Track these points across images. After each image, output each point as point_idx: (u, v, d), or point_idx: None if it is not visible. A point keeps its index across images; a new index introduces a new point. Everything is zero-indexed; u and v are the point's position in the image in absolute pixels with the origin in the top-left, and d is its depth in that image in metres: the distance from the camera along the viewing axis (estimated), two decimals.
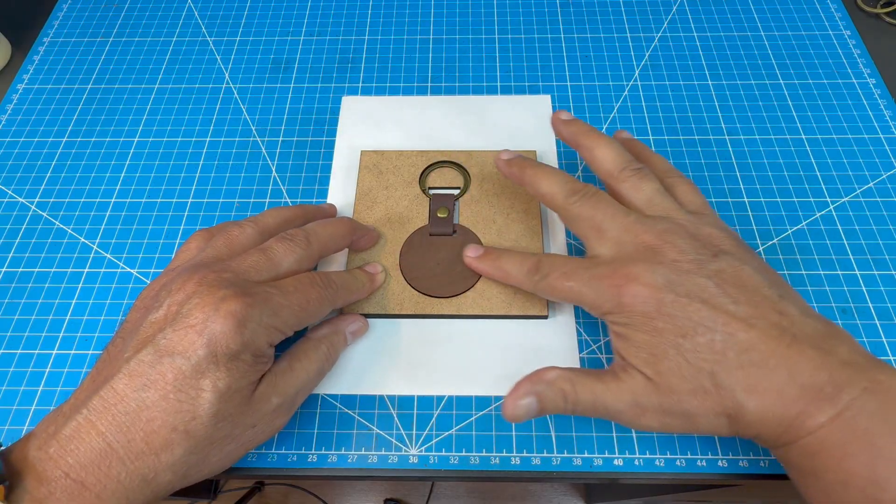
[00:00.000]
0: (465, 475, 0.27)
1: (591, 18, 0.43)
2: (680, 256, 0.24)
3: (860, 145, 0.36)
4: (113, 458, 0.20)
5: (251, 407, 0.23)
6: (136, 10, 0.44)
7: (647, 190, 0.27)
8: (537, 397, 0.24)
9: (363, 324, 0.29)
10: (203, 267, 0.24)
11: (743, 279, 0.23)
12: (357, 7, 0.44)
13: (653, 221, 0.25)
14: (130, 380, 0.21)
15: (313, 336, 0.27)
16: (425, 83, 0.40)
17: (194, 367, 0.21)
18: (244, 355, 0.22)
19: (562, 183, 0.27)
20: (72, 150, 0.37)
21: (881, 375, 0.20)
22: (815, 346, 0.21)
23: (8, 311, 0.31)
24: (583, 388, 0.24)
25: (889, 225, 0.33)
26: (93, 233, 0.34)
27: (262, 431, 0.24)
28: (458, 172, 0.34)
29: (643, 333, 0.23)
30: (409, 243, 0.32)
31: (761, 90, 0.39)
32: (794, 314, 0.22)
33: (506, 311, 0.30)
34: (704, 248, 0.24)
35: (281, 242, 0.26)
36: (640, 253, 0.24)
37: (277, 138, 0.37)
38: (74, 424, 0.21)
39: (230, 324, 0.22)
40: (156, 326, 0.22)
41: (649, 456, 0.27)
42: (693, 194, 0.28)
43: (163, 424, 0.21)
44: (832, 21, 0.42)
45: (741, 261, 0.24)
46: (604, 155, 0.28)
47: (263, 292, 0.23)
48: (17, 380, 0.29)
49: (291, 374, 0.25)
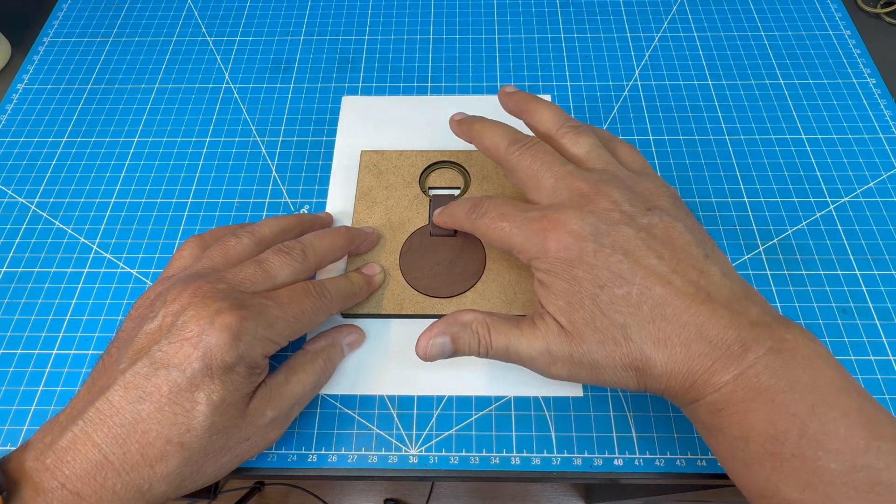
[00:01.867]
0: (465, 475, 0.27)
1: (591, 18, 0.43)
2: (612, 206, 0.24)
3: (860, 145, 0.36)
4: (109, 469, 0.20)
5: (245, 420, 0.23)
6: (136, 10, 0.44)
7: (586, 144, 0.27)
8: (451, 338, 0.25)
9: (360, 335, 0.29)
10: (198, 278, 0.24)
11: (672, 236, 0.23)
12: (357, 7, 0.44)
13: (589, 172, 0.25)
14: (126, 392, 0.21)
15: (310, 349, 0.27)
16: (425, 83, 0.40)
17: (189, 380, 0.21)
18: (239, 368, 0.22)
19: (504, 134, 0.28)
20: (72, 150, 0.37)
21: (787, 335, 0.21)
22: (727, 305, 0.21)
23: (8, 311, 0.31)
24: (497, 334, 0.24)
25: (889, 225, 0.33)
26: (93, 233, 0.34)
27: (256, 444, 0.24)
28: (458, 172, 0.34)
29: (562, 281, 0.23)
30: (409, 243, 0.32)
31: (761, 90, 0.39)
32: (714, 274, 0.22)
33: (506, 310, 0.30)
34: (639, 200, 0.24)
35: (278, 255, 0.26)
36: (572, 200, 0.24)
37: (277, 138, 0.37)
38: (70, 436, 0.21)
39: (225, 337, 0.22)
40: (151, 338, 0.22)
41: (649, 456, 0.27)
42: (634, 155, 0.28)
43: (158, 436, 0.21)
44: (832, 21, 0.42)
45: (674, 217, 0.24)
46: (543, 116, 0.28)
47: (258, 304, 0.23)
48: (17, 380, 0.29)
49: (287, 387, 0.25)
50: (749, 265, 0.32)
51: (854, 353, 0.29)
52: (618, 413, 0.28)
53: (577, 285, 0.23)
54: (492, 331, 0.24)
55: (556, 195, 0.25)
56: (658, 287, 0.22)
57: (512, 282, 0.30)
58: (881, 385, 0.28)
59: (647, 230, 0.23)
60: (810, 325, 0.30)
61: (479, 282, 0.30)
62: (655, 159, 0.36)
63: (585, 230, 0.23)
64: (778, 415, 0.19)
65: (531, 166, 0.26)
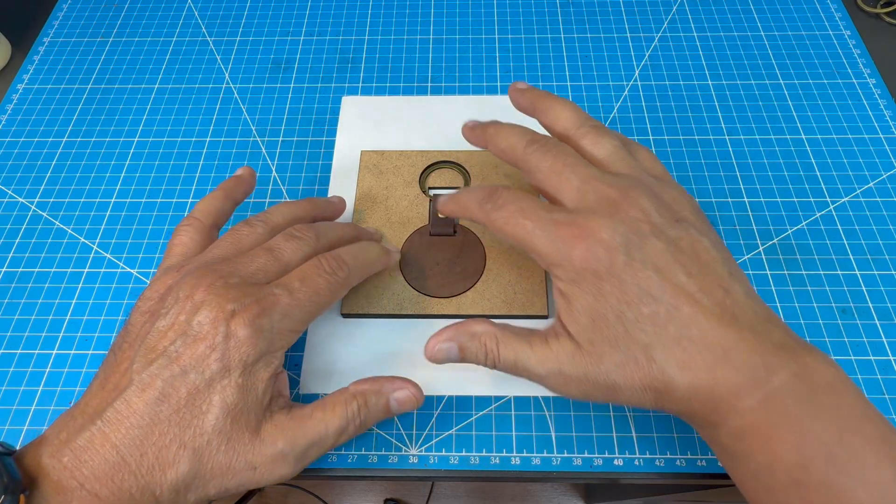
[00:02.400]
0: (465, 475, 0.27)
1: (591, 18, 0.43)
2: (642, 216, 0.23)
3: (860, 145, 0.36)
4: (125, 471, 0.20)
5: (255, 442, 0.22)
6: (136, 10, 0.44)
7: (608, 145, 0.25)
8: (459, 346, 0.24)
9: (414, 393, 0.25)
10: (210, 271, 0.23)
11: (699, 251, 0.22)
12: (357, 7, 0.44)
13: (615, 177, 0.24)
14: (143, 393, 0.21)
15: (351, 388, 0.25)
16: (425, 83, 0.40)
17: (208, 382, 0.21)
18: (258, 365, 0.22)
19: (521, 134, 0.26)
20: (72, 150, 0.37)
21: (809, 359, 0.20)
22: (751, 328, 0.21)
23: (8, 311, 0.31)
24: (506, 349, 0.23)
25: (889, 225, 0.33)
26: (93, 233, 0.34)
27: (261, 476, 0.23)
28: (458, 172, 0.34)
29: (588, 295, 0.22)
30: (409, 243, 0.32)
31: (761, 90, 0.39)
32: (738, 294, 0.22)
33: (506, 311, 0.30)
34: (667, 211, 0.23)
35: (289, 241, 0.25)
36: (601, 206, 0.23)
37: (277, 138, 0.37)
38: (88, 435, 0.21)
39: (243, 336, 0.22)
40: (165, 336, 0.22)
41: (649, 456, 0.27)
42: (654, 160, 0.27)
43: (173, 440, 0.21)
44: (832, 21, 0.42)
45: (700, 232, 0.23)
46: (561, 114, 0.27)
47: (271, 296, 0.23)
48: (17, 380, 0.29)
49: (307, 422, 0.23)
50: (749, 265, 0.32)
51: (854, 353, 0.29)
52: (618, 413, 0.28)
53: (604, 301, 0.22)
54: (500, 345, 0.24)
55: (582, 199, 0.24)
56: (686, 306, 0.21)
57: (512, 282, 0.30)
58: (881, 385, 0.28)
59: (675, 244, 0.22)
60: (810, 325, 0.30)
61: (479, 282, 0.30)
62: None
63: (616, 240, 0.22)
64: (805, 442, 0.19)
65: (553, 167, 0.25)
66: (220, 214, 0.28)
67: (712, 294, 0.21)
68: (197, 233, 0.27)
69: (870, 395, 0.28)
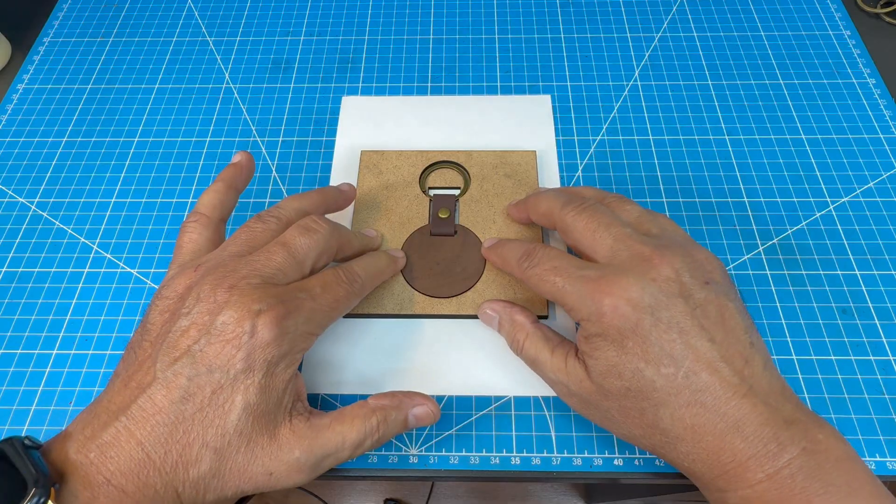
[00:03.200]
0: (465, 475, 0.27)
1: (591, 18, 0.43)
2: (673, 275, 0.23)
3: (860, 145, 0.36)
4: (150, 468, 0.21)
5: (272, 446, 0.22)
6: (136, 10, 0.44)
7: (635, 210, 0.27)
8: (499, 322, 0.28)
9: (431, 409, 0.26)
10: (230, 271, 0.23)
11: (725, 317, 0.23)
12: (357, 7, 0.44)
13: (648, 236, 0.25)
14: (168, 390, 0.21)
15: (371, 403, 0.25)
16: (425, 83, 0.40)
17: (232, 381, 0.22)
18: (280, 365, 0.23)
19: (558, 195, 0.28)
20: (72, 150, 0.37)
21: (820, 434, 0.21)
22: (765, 401, 0.21)
23: (8, 311, 0.31)
24: (531, 346, 0.26)
25: (889, 225, 0.33)
26: (93, 233, 0.34)
27: (277, 481, 0.23)
28: (458, 173, 0.34)
29: (611, 348, 0.23)
30: (410, 243, 0.32)
31: (761, 90, 0.39)
32: (757, 365, 0.22)
33: None
34: (698, 271, 0.24)
35: (303, 236, 0.26)
36: (633, 264, 0.23)
37: (277, 138, 0.37)
38: (113, 431, 0.21)
39: (268, 337, 0.22)
40: (188, 336, 0.22)
41: (649, 456, 0.27)
42: (675, 225, 0.27)
43: (196, 438, 0.21)
44: (832, 21, 0.42)
45: (727, 297, 0.23)
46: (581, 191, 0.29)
47: (294, 298, 0.23)
48: (17, 380, 0.29)
49: (326, 433, 0.23)
50: (749, 265, 0.32)
51: (854, 353, 0.29)
52: None
53: (625, 356, 0.22)
54: (528, 340, 0.26)
55: (614, 255, 0.24)
56: (705, 373, 0.21)
57: (512, 282, 0.30)
58: (881, 385, 0.28)
59: (702, 307, 0.23)
60: (810, 325, 0.30)
61: (479, 282, 0.30)
62: (656, 159, 0.36)
63: (645, 301, 0.22)
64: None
65: (588, 225, 0.25)
66: (225, 206, 0.28)
67: (732, 363, 0.22)
68: (205, 228, 0.27)
69: (870, 395, 0.28)
